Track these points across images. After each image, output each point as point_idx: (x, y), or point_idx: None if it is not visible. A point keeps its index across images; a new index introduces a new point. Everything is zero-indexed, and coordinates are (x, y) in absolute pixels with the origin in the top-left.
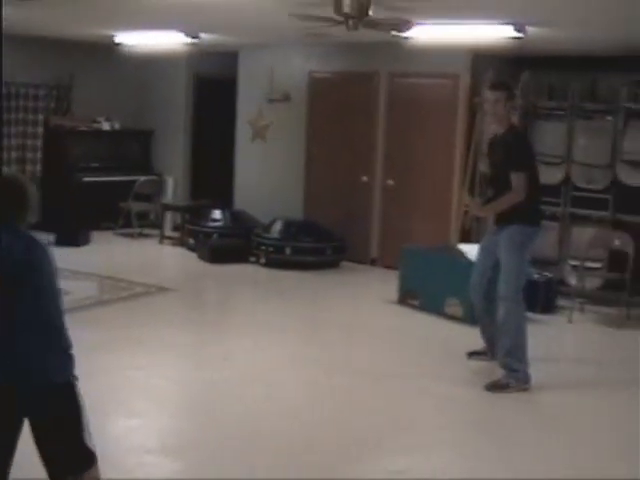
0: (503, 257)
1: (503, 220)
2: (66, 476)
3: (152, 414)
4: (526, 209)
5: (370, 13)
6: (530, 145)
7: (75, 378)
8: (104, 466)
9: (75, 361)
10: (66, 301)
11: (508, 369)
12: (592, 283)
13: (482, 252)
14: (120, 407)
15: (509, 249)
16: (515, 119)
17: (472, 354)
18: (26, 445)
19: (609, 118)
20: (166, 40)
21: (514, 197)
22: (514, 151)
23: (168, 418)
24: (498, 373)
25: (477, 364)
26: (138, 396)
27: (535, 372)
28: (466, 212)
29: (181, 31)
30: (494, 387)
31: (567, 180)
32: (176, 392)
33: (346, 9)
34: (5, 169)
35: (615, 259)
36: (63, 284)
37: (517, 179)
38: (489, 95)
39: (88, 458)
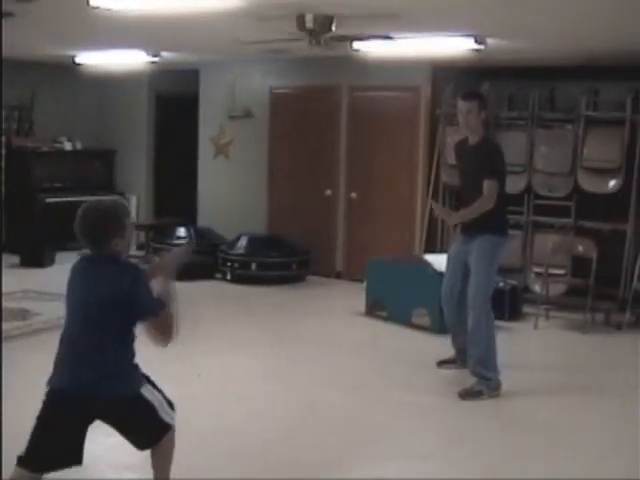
0: (474, 267)
1: (473, 230)
2: (148, 447)
3: None
4: (496, 219)
5: (332, 29)
6: (503, 155)
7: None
8: None
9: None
10: (37, 322)
11: (480, 377)
12: (556, 290)
13: (452, 262)
14: (98, 426)
15: (480, 259)
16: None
17: (442, 363)
18: None
19: (569, 126)
20: (127, 59)
21: (486, 204)
22: (489, 159)
23: None
24: (470, 381)
25: (447, 372)
26: None
27: (504, 379)
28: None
29: (142, 50)
30: (467, 395)
31: (529, 189)
32: None
33: (309, 25)
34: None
35: (578, 265)
36: (31, 305)
37: (490, 186)
38: (461, 105)
39: (164, 428)
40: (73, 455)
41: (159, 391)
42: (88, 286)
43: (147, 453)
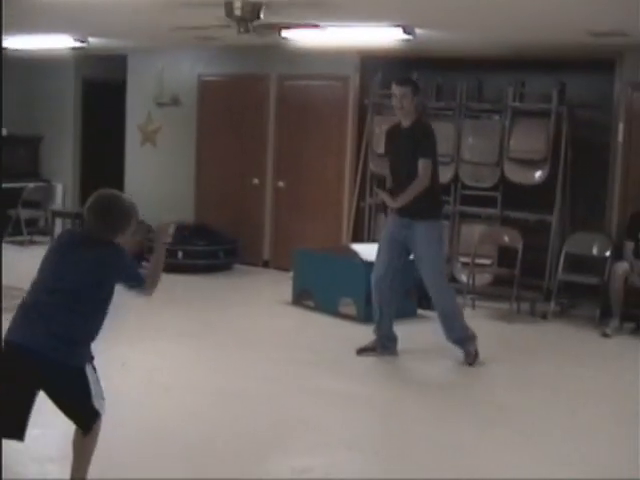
0: (425, 252)
1: (412, 214)
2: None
3: (52, 423)
4: (433, 202)
5: (261, 16)
6: (435, 137)
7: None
8: (7, 475)
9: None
10: None
11: (464, 341)
12: (482, 279)
13: (386, 243)
14: None
15: (430, 244)
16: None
17: (361, 351)
18: None
19: (496, 117)
20: (53, 44)
21: (422, 182)
22: (422, 140)
23: (69, 426)
24: (397, 365)
25: (371, 360)
26: (37, 406)
27: (429, 367)
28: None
29: (69, 35)
30: (472, 360)
31: (456, 179)
32: None
33: (237, 12)
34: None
35: (504, 255)
36: None
37: (424, 165)
38: (396, 90)
39: (94, 415)
40: (17, 426)
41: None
42: (72, 259)
43: (70, 445)
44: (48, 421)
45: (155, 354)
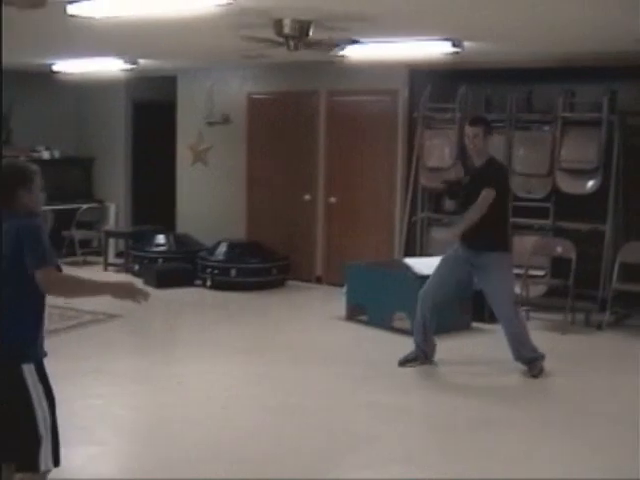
0: (494, 283)
1: (481, 245)
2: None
3: (112, 441)
4: (502, 235)
5: (310, 33)
6: (507, 177)
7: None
8: None
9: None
10: None
11: (533, 361)
12: (536, 291)
13: (445, 267)
14: (80, 435)
15: (501, 276)
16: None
17: (404, 362)
18: None
19: (546, 128)
20: (104, 67)
21: (478, 209)
22: (491, 176)
23: (128, 445)
24: (454, 379)
25: (425, 373)
26: (98, 425)
27: (485, 380)
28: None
29: (119, 57)
30: (537, 373)
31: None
32: (134, 418)
33: (287, 30)
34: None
35: (558, 266)
36: None
37: (485, 194)
38: (468, 130)
39: (35, 441)
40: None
41: (52, 410)
42: None
43: (130, 463)
44: (106, 439)
45: (211, 371)
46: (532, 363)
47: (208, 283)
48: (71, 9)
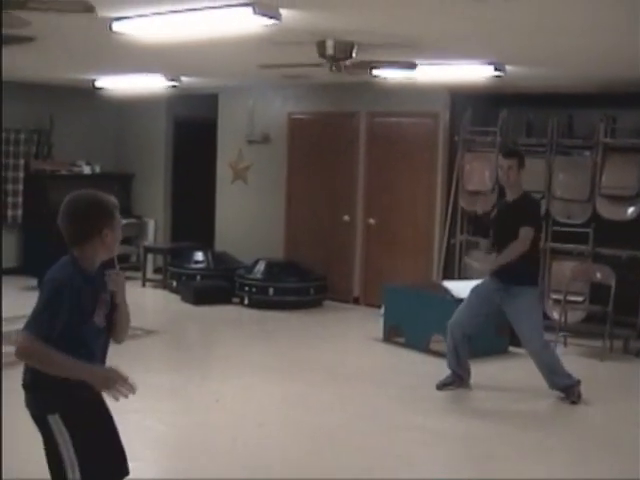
0: (522, 316)
1: (511, 279)
2: None
3: (150, 457)
4: (533, 269)
5: (353, 55)
6: (540, 209)
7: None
8: None
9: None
10: None
11: (569, 388)
12: (574, 316)
13: (477, 298)
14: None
15: (530, 310)
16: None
17: (442, 386)
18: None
19: (587, 153)
20: (146, 83)
21: (518, 247)
22: (528, 212)
23: (166, 461)
24: (491, 403)
25: (462, 397)
26: (135, 439)
27: (522, 405)
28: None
29: (161, 74)
30: (575, 398)
31: (547, 215)
32: (172, 434)
33: (330, 51)
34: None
35: (597, 292)
36: None
37: (526, 232)
38: (502, 162)
39: None
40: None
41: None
42: None
43: (170, 478)
44: (144, 454)
45: (247, 390)
46: (568, 390)
47: (245, 301)
48: (117, 26)
